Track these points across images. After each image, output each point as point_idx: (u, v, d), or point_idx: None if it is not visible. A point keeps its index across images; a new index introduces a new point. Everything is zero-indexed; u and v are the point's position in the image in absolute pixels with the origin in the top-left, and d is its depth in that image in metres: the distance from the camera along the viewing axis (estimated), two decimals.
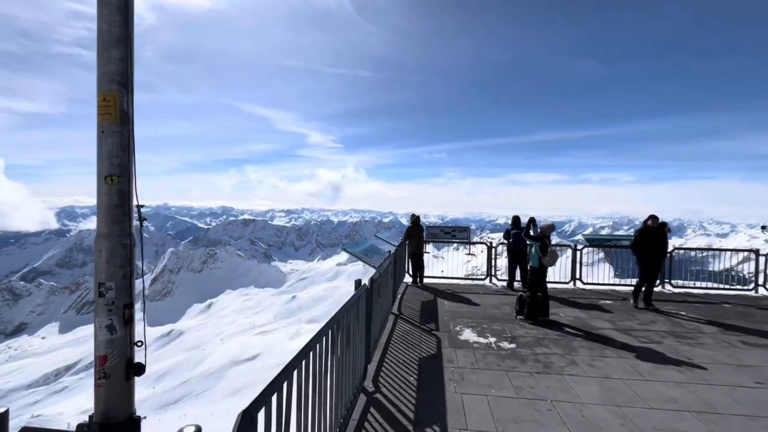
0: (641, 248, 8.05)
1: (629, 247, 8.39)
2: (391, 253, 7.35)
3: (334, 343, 3.09)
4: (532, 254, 7.14)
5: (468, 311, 7.53)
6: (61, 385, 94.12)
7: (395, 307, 7.64)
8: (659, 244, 8.08)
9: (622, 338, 6.08)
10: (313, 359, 2.55)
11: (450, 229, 10.99)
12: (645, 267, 8.06)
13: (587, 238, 10.43)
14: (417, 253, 9.96)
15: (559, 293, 9.19)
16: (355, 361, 3.93)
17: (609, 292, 9.55)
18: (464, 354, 5.31)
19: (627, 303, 8.49)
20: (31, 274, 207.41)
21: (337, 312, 3.24)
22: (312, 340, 2.59)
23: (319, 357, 2.71)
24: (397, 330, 6.23)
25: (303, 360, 2.37)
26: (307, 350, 2.44)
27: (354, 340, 3.77)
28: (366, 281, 4.47)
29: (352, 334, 3.68)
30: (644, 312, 7.74)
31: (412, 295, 8.84)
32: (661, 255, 8.15)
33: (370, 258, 5.48)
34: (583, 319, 7.09)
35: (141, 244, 2.73)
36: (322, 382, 2.76)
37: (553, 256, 6.92)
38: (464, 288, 9.79)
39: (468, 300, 8.47)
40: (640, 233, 8.14)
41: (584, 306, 8.14)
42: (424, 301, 8.24)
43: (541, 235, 7.06)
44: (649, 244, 8.02)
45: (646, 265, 8.05)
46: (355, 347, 3.86)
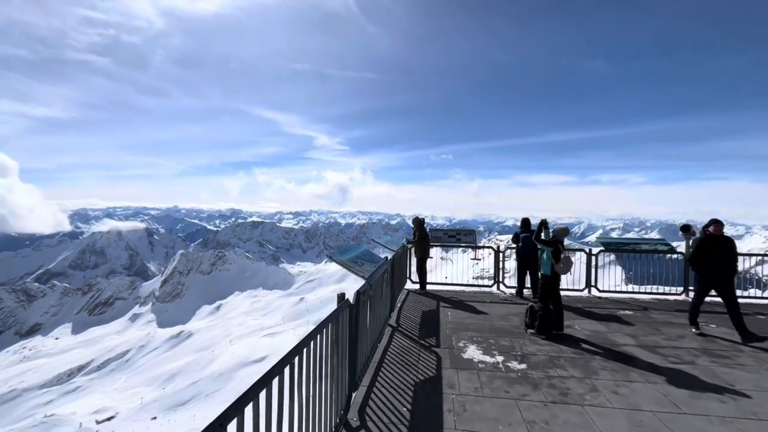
0: (702, 260, 6.48)
1: (688, 260, 7.08)
2: (388, 259, 6.72)
3: (300, 375, 2.48)
4: (544, 260, 6.43)
5: (473, 323, 6.85)
6: (74, 385, 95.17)
7: (393, 317, 6.98)
8: (726, 254, 6.40)
9: (649, 357, 5.35)
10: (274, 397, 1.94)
11: (455, 232, 10.31)
12: (706, 282, 6.53)
13: (602, 241, 9.67)
14: (421, 258, 9.32)
15: (572, 302, 8.45)
16: (338, 389, 3.31)
17: (628, 301, 8.78)
18: (467, 377, 4.64)
19: (648, 313, 7.73)
20: (45, 275, 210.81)
21: (306, 336, 2.62)
22: (269, 373, 1.99)
23: (279, 395, 2.11)
24: (393, 346, 5.57)
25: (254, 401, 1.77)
26: (258, 390, 1.83)
27: (333, 365, 3.15)
28: (353, 294, 3.85)
29: (328, 358, 3.06)
30: (670, 325, 6.98)
31: (413, 303, 8.19)
32: (728, 268, 6.39)
33: (361, 266, 4.84)
34: (601, 334, 6.36)
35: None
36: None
37: (566, 262, 6.21)
38: (470, 296, 9.10)
39: (473, 309, 7.78)
40: (701, 242, 6.56)
41: (602, 317, 7.40)
42: (426, 311, 7.58)
43: (553, 240, 6.36)
44: (712, 254, 6.40)
45: (707, 279, 6.49)
46: (335, 374, 3.23)
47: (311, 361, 2.73)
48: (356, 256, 5.05)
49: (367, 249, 5.94)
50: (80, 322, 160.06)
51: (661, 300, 8.96)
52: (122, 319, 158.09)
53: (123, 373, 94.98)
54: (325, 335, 3.04)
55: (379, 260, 5.91)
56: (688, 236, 9.33)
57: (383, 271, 5.81)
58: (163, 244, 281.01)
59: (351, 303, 3.61)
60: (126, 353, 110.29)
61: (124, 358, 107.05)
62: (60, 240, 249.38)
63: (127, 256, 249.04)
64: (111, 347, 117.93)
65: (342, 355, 3.46)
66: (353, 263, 4.67)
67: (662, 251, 9.31)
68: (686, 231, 9.30)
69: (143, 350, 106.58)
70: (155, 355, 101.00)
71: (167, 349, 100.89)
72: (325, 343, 3.06)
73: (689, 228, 9.29)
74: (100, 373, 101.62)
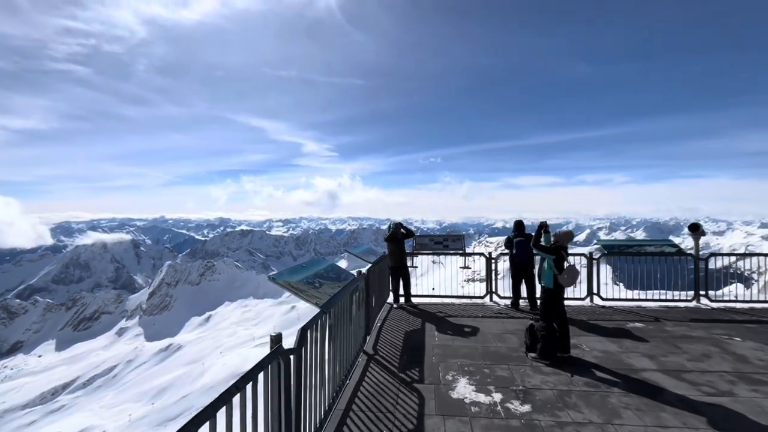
0: None
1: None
2: (362, 273, 5.69)
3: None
4: (545, 270, 5.46)
5: (464, 346, 5.83)
6: (59, 403, 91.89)
7: (370, 342, 5.94)
8: None
9: (677, 386, 4.39)
10: None
11: (441, 238, 9.31)
12: None
13: (604, 244, 8.77)
14: (397, 267, 8.28)
15: (575, 314, 7.49)
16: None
17: (635, 310, 7.87)
18: (457, 428, 3.62)
19: (661, 325, 6.82)
20: (27, 291, 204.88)
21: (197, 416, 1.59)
22: None
23: None
24: (366, 384, 4.53)
25: None
26: None
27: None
28: (295, 335, 2.80)
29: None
30: (689, 340, 6.05)
31: (395, 322, 7.16)
32: None
33: (317, 288, 3.76)
34: (614, 355, 5.40)
35: None
36: None
37: (572, 272, 5.24)
38: (460, 309, 8.09)
39: (464, 327, 6.77)
40: None
41: (610, 332, 6.45)
42: (409, 332, 6.55)
43: (555, 246, 5.40)
44: None
45: None
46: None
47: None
48: (313, 275, 4.01)
49: (333, 264, 4.90)
50: (64, 339, 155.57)
51: (671, 308, 8.08)
52: (108, 334, 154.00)
53: (110, 389, 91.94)
54: (241, 404, 2.01)
55: (348, 277, 4.88)
56: (697, 235, 8.48)
57: (352, 290, 4.78)
58: (150, 255, 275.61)
59: (286, 350, 2.56)
60: (113, 369, 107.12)
61: (111, 374, 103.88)
62: (42, 254, 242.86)
63: (112, 269, 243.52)
64: (97, 363, 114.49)
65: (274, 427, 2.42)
66: (306, 285, 3.63)
67: (670, 253, 8.44)
68: (695, 230, 8.45)
69: (131, 365, 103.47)
70: (143, 370, 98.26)
71: (156, 363, 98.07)
72: (240, 417, 2.03)
73: (698, 227, 8.45)
74: (85, 390, 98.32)
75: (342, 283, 4.50)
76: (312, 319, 3.08)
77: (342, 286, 4.38)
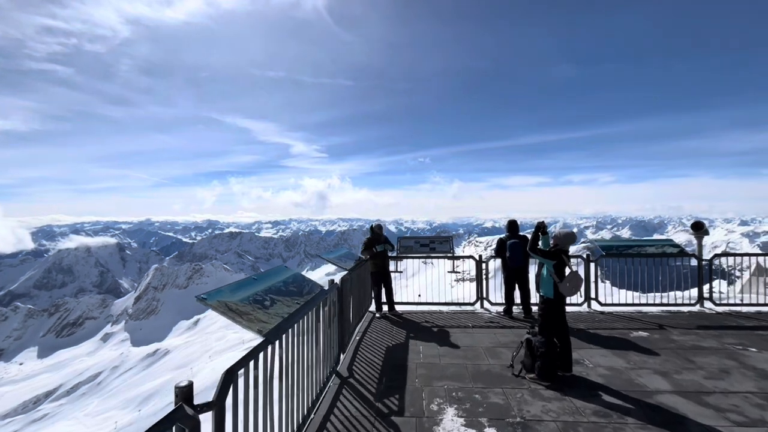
0: None
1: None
2: (335, 283, 4.95)
3: None
4: (544, 278, 4.78)
5: (451, 364, 5.12)
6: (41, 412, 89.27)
7: (345, 362, 5.21)
8: None
9: (700, 414, 3.74)
10: None
11: (428, 240, 8.61)
12: None
13: (602, 245, 8.16)
14: (379, 272, 7.56)
15: (573, 321, 6.85)
16: None
17: (637, 317, 7.26)
18: None
19: (667, 334, 6.21)
20: (7, 297, 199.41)
21: None
22: None
23: None
24: (335, 419, 3.77)
25: None
26: None
27: None
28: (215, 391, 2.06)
29: None
30: (701, 352, 5.44)
31: (375, 334, 6.43)
32: None
33: (266, 309, 2.97)
34: (622, 372, 4.74)
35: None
36: None
37: (574, 280, 4.57)
38: (448, 318, 7.40)
39: (452, 340, 6.08)
40: None
41: (614, 343, 5.81)
42: (391, 347, 5.82)
43: (555, 249, 4.73)
44: None
45: None
46: None
47: None
48: (264, 291, 3.25)
49: (297, 275, 4.15)
50: (47, 345, 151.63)
51: (674, 313, 7.49)
52: (93, 340, 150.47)
53: (95, 397, 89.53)
54: None
55: (314, 289, 4.13)
56: (701, 235, 7.92)
57: (319, 305, 4.04)
58: (136, 259, 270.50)
59: (196, 407, 1.80)
60: (98, 375, 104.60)
61: (95, 380, 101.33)
62: (23, 259, 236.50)
63: (97, 273, 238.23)
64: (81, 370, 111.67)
65: None
66: (249, 306, 2.85)
67: (672, 254, 7.87)
68: (698, 229, 7.89)
69: (116, 371, 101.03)
70: (129, 376, 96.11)
71: (142, 369, 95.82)
72: None
73: (702, 225, 7.89)
74: (69, 398, 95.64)
75: (305, 298, 3.75)
76: (244, 357, 2.33)
77: (305, 302, 3.64)
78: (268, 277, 3.58)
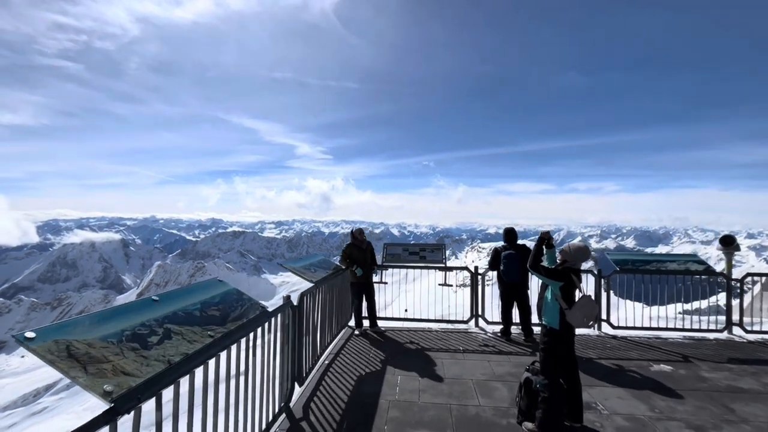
0: None
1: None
2: (289, 300, 4.03)
3: None
4: (547, 303, 3.81)
5: (432, 404, 4.16)
6: (41, 405, 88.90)
7: (302, 396, 4.27)
8: None
9: None
10: None
11: (419, 247, 7.64)
12: None
13: (615, 259, 7.16)
14: (360, 284, 6.61)
15: (581, 347, 5.87)
16: None
17: (655, 344, 6.25)
18: None
19: (695, 368, 5.21)
20: (12, 290, 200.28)
21: None
22: None
23: None
24: None
25: None
26: None
27: None
28: None
29: None
30: (741, 396, 4.44)
31: (349, 358, 5.48)
32: None
33: (140, 353, 2.03)
34: (646, 425, 3.75)
35: None
36: None
37: (587, 308, 3.59)
38: (437, 338, 6.43)
39: (437, 370, 5.11)
40: None
41: (632, 379, 4.82)
42: (363, 376, 4.87)
43: (563, 268, 3.76)
44: None
45: None
46: None
47: None
48: (161, 318, 2.33)
49: (228, 292, 3.23)
50: None
51: (698, 341, 6.48)
52: None
53: None
54: None
55: (252, 309, 3.20)
56: (731, 251, 6.91)
57: (247, 335, 3.11)
58: (140, 255, 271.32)
59: None
60: None
61: None
62: (28, 252, 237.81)
63: (100, 269, 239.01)
64: None
65: None
66: (93, 351, 1.94)
67: (697, 272, 6.86)
68: (728, 244, 6.88)
69: None
70: None
71: None
72: None
73: (733, 240, 6.88)
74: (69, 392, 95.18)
75: (232, 324, 2.83)
76: None
77: (226, 332, 2.71)
78: (177, 298, 2.66)
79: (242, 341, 2.93)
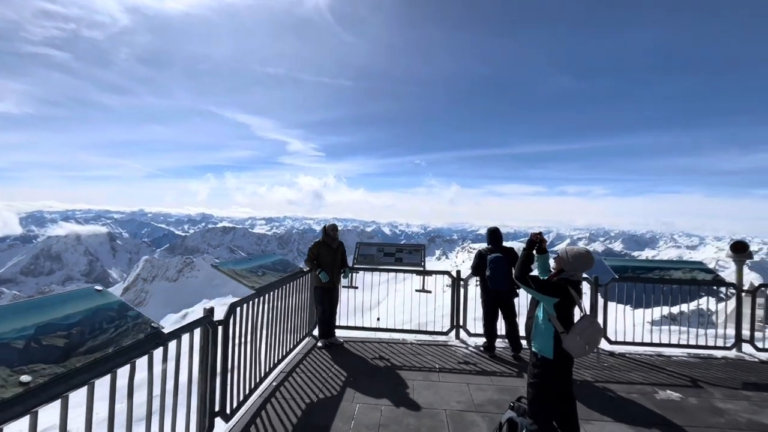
0: None
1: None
2: (209, 315, 3.16)
3: None
4: (538, 324, 3.00)
5: None
6: None
7: (235, 428, 3.40)
8: None
9: None
10: None
11: (395, 248, 6.79)
12: None
13: (613, 265, 6.39)
14: (323, 288, 5.73)
15: (575, 368, 5.06)
16: None
17: (658, 363, 5.48)
18: None
19: (706, 395, 4.45)
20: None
21: None
22: None
23: None
24: None
25: None
26: None
27: None
28: None
29: None
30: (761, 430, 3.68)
31: (303, 378, 4.61)
32: None
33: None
34: None
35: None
36: None
37: (589, 333, 2.78)
38: (410, 353, 5.59)
39: (407, 391, 4.29)
40: None
41: (635, 411, 4.03)
42: (314, 403, 4.01)
43: (559, 279, 2.94)
44: None
45: None
46: None
47: None
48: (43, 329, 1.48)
49: (113, 305, 2.35)
50: None
51: (705, 359, 5.73)
52: None
53: None
54: None
55: (140, 330, 2.34)
56: (743, 258, 6.17)
57: (127, 362, 2.23)
58: (127, 249, 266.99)
59: None
60: None
61: None
62: (11, 244, 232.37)
63: (86, 262, 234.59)
64: None
65: None
66: None
67: (704, 282, 6.12)
68: (741, 251, 6.14)
69: None
70: None
71: None
72: None
73: (745, 247, 6.14)
74: None
75: (91, 356, 1.95)
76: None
77: (90, 362, 1.83)
78: (7, 315, 1.77)
79: (113, 374, 2.06)
